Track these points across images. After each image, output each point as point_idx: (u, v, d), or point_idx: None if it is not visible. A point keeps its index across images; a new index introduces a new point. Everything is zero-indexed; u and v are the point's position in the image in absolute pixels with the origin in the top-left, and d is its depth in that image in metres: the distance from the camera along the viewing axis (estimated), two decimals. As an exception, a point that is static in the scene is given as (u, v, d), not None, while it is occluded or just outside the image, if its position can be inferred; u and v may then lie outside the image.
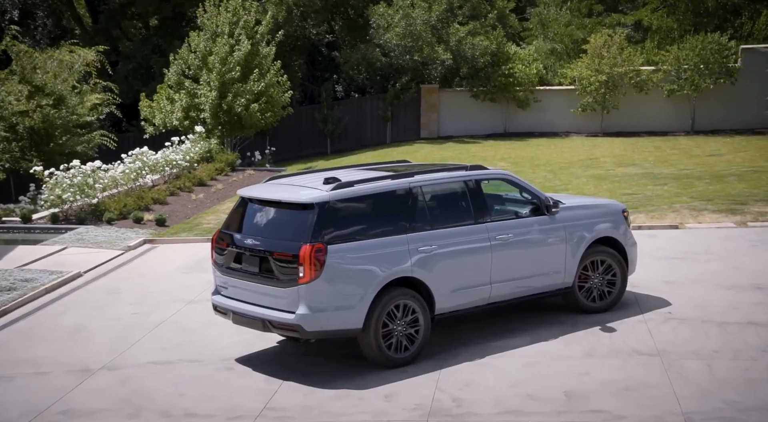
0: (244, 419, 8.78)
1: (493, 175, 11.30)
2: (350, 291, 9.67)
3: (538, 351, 10.42)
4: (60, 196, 19.30)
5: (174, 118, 28.04)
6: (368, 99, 37.92)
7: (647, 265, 14.00)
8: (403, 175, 10.53)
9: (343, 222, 9.82)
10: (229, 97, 27.50)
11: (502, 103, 36.11)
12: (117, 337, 11.51)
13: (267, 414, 8.87)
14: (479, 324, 11.41)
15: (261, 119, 28.29)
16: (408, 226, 10.15)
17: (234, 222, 10.50)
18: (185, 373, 10.09)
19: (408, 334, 10.12)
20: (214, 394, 9.43)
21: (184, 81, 28.29)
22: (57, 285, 14.14)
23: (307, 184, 10.24)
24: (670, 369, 9.63)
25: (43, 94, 25.87)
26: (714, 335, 10.71)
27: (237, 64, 27.53)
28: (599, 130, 34.73)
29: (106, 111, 29.61)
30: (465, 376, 9.71)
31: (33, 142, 25.95)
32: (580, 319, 11.46)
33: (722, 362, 9.81)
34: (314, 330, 9.59)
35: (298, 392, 9.44)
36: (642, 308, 11.88)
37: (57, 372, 10.30)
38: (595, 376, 9.55)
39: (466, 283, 10.52)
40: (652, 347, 10.35)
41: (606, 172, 25.02)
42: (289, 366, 10.25)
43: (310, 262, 9.43)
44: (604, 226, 11.69)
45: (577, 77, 35.06)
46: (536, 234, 11.13)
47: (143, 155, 22.77)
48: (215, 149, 26.56)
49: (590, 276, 11.65)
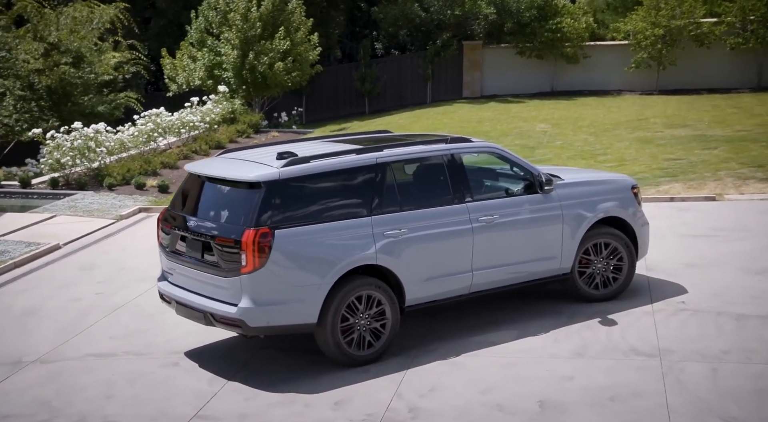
0: (168, 431, 7.73)
1: (477, 149, 9.98)
2: (302, 282, 8.50)
3: (523, 348, 9.18)
4: (59, 159, 18.42)
5: (196, 77, 26.97)
6: (408, 57, 36.49)
7: (670, 244, 12.64)
8: (370, 149, 9.28)
9: (295, 203, 8.62)
10: (251, 55, 26.32)
11: (549, 60, 34.38)
12: (68, 323, 10.55)
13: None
14: (464, 313, 10.19)
15: (287, 78, 27.05)
16: (373, 208, 8.93)
17: (180, 200, 9.39)
18: (125, 369, 9.06)
19: (373, 329, 8.95)
20: (146, 397, 8.38)
21: (206, 38, 27.17)
22: (28, 260, 13.24)
23: (260, 159, 9.03)
24: (668, 374, 8.33)
25: (59, 51, 24.97)
26: (728, 331, 9.35)
27: (258, 21, 26.28)
28: (654, 88, 32.80)
29: (132, 70, 28.66)
30: (432, 379, 8.52)
31: (52, 101, 25.13)
32: (580, 309, 10.17)
33: (730, 366, 8.47)
34: (259, 326, 8.45)
35: (240, 395, 8.34)
36: (653, 296, 10.54)
37: (-15, 364, 9.36)
38: (579, 381, 8.29)
39: (443, 271, 9.29)
40: (653, 345, 9.04)
41: (653, 134, 23.41)
42: (241, 362, 9.16)
43: (254, 249, 8.28)
44: (608, 205, 10.33)
45: (631, 31, 32.99)
46: (527, 215, 9.83)
47: (157, 116, 21.78)
48: (239, 110, 25.44)
49: (592, 261, 10.33)
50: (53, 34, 24.93)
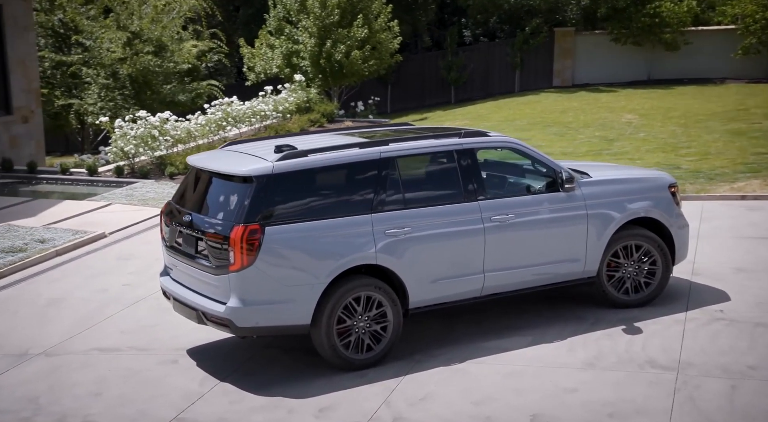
0: (141, 433, 7.51)
1: (493, 144, 9.47)
2: (294, 281, 8.16)
3: (533, 355, 8.65)
4: (122, 148, 18.55)
5: (274, 66, 26.90)
6: (496, 45, 35.74)
7: (726, 246, 11.88)
8: (375, 143, 8.87)
9: (289, 198, 8.28)
10: (328, 43, 26.08)
11: (647, 46, 33.10)
12: (86, 314, 10.47)
13: (170, 427, 7.57)
14: (482, 317, 9.72)
15: (364, 67, 26.72)
16: (375, 205, 8.52)
17: (180, 193, 9.17)
18: (122, 366, 8.89)
19: (373, 332, 8.56)
20: (133, 396, 8.18)
21: (284, 26, 27.05)
22: (70, 248, 13.28)
23: (259, 152, 8.72)
24: (681, 390, 7.71)
25: (141, 40, 25.24)
26: (762, 344, 8.65)
27: (336, 8, 26.01)
28: (763, 76, 31.10)
29: (215, 58, 28.81)
30: (428, 386, 8.08)
31: (133, 89, 25.45)
32: (606, 316, 9.56)
33: (752, 383, 7.79)
34: (247, 327, 8.15)
35: (226, 398, 8.07)
36: (690, 303, 9.85)
37: (-8, 356, 9.34)
38: (581, 395, 7.73)
39: (451, 273, 8.82)
40: (673, 357, 8.40)
41: (748, 126, 22.26)
42: (240, 362, 8.90)
43: (242, 246, 7.98)
44: (641, 205, 9.66)
45: (739, 15, 31.34)
46: (546, 214, 9.26)
47: (228, 105, 21.76)
48: (315, 99, 25.26)
49: (622, 264, 9.69)
50: (135, 22, 25.22)
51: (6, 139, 22.82)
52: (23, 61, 23.08)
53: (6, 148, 22.70)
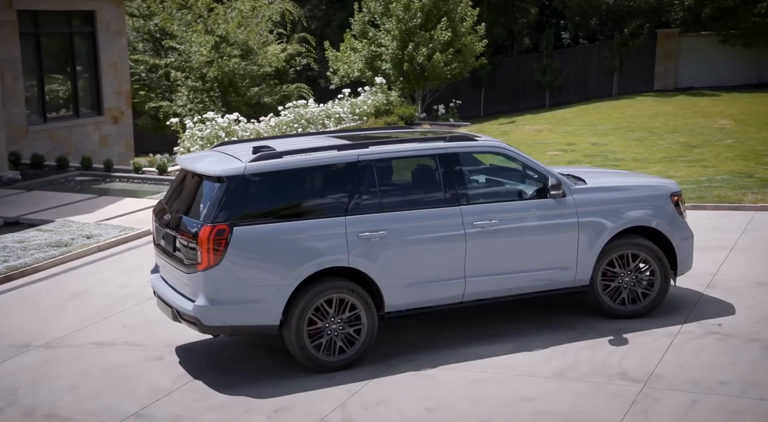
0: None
1: (479, 148, 9.35)
2: (261, 282, 8.29)
3: (506, 363, 8.54)
4: (189, 148, 19.08)
5: (355, 69, 27.14)
6: (594, 47, 35.07)
7: (756, 259, 11.48)
8: (354, 145, 8.90)
9: (261, 199, 8.41)
10: (410, 46, 26.14)
11: (758, 48, 31.75)
12: (100, 308, 10.86)
13: (128, 421, 7.78)
14: (474, 322, 9.69)
15: (446, 70, 26.65)
16: (350, 207, 8.56)
17: (170, 193, 9.41)
18: (108, 360, 9.18)
19: (346, 334, 8.59)
20: (106, 391, 8.44)
21: (368, 30, 27.26)
22: (112, 244, 13.76)
23: (239, 153, 8.88)
24: (639, 403, 7.51)
25: (228, 44, 25.89)
26: (745, 360, 8.31)
27: (419, 11, 26.03)
28: None
29: (303, 62, 29.28)
30: (389, 392, 8.08)
31: (220, 91, 26.12)
32: (598, 326, 9.35)
33: (715, 399, 7.52)
34: (214, 325, 8.32)
35: (192, 396, 8.25)
36: (692, 315, 9.54)
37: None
38: (536, 405, 7.61)
39: (429, 277, 8.78)
40: (647, 370, 8.17)
41: None
42: (221, 360, 9.09)
43: (208, 246, 8.15)
44: (638, 213, 9.40)
45: None
46: (533, 221, 9.12)
47: (304, 107, 22.10)
48: (396, 101, 25.36)
49: (618, 274, 9.43)
50: (221, 26, 25.88)
51: (96, 139, 23.83)
52: (115, 64, 24.05)
53: (96, 147, 23.72)
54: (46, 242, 13.61)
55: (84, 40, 23.43)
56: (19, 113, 21.52)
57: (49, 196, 17.45)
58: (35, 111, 22.33)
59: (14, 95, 21.40)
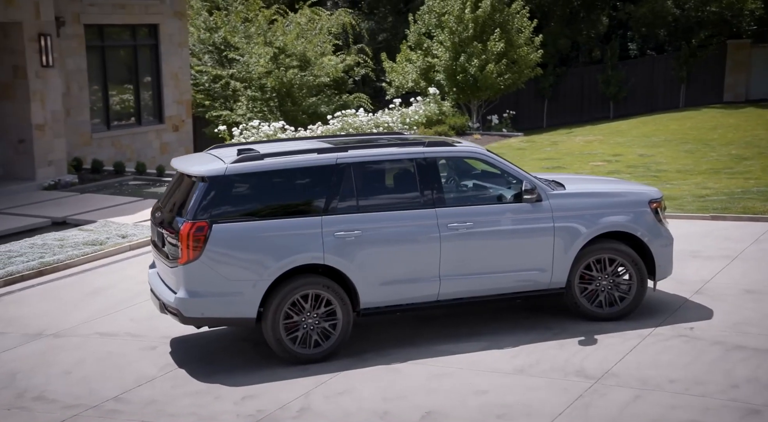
0: (77, 408, 8.31)
1: (457, 153, 9.71)
2: (238, 277, 8.81)
3: (473, 360, 8.89)
4: (234, 156, 19.75)
5: (410, 79, 27.60)
6: (660, 58, 34.82)
7: (757, 269, 11.58)
8: (333, 149, 9.36)
9: (240, 199, 8.96)
10: (462, 57, 26.48)
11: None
12: (115, 302, 11.53)
13: (104, 405, 8.32)
14: (457, 320, 10.06)
15: (499, 81, 26.90)
16: (327, 207, 9.03)
17: (166, 193, 10.00)
18: (107, 349, 9.82)
19: (322, 329, 9.05)
20: (95, 377, 9.04)
21: (423, 41, 27.71)
22: (143, 243, 14.46)
23: (225, 155, 9.42)
24: (583, 398, 7.81)
25: (286, 55, 26.65)
26: (702, 362, 8.53)
27: (471, 22, 26.36)
28: None
29: (362, 72, 29.89)
30: (354, 383, 8.52)
31: (278, 101, 26.90)
32: (573, 327, 9.62)
33: (658, 395, 7.79)
34: (194, 317, 8.88)
35: (170, 383, 8.81)
36: (669, 319, 9.75)
37: (13, 335, 10.47)
38: (488, 397, 7.97)
39: (403, 276, 9.19)
40: (604, 369, 8.44)
41: None
42: (209, 351, 9.63)
43: (188, 242, 8.71)
44: (614, 219, 9.64)
45: None
46: (509, 225, 9.44)
47: (354, 116, 22.64)
48: (448, 111, 25.74)
49: (595, 278, 9.67)
50: (279, 38, 26.66)
51: (157, 146, 24.81)
52: (176, 74, 25.02)
53: (156, 154, 24.70)
54: (83, 240, 14.40)
55: (147, 51, 24.44)
56: (84, 121, 22.61)
57: (99, 198, 18.36)
58: (99, 119, 23.40)
59: (80, 104, 22.51)
